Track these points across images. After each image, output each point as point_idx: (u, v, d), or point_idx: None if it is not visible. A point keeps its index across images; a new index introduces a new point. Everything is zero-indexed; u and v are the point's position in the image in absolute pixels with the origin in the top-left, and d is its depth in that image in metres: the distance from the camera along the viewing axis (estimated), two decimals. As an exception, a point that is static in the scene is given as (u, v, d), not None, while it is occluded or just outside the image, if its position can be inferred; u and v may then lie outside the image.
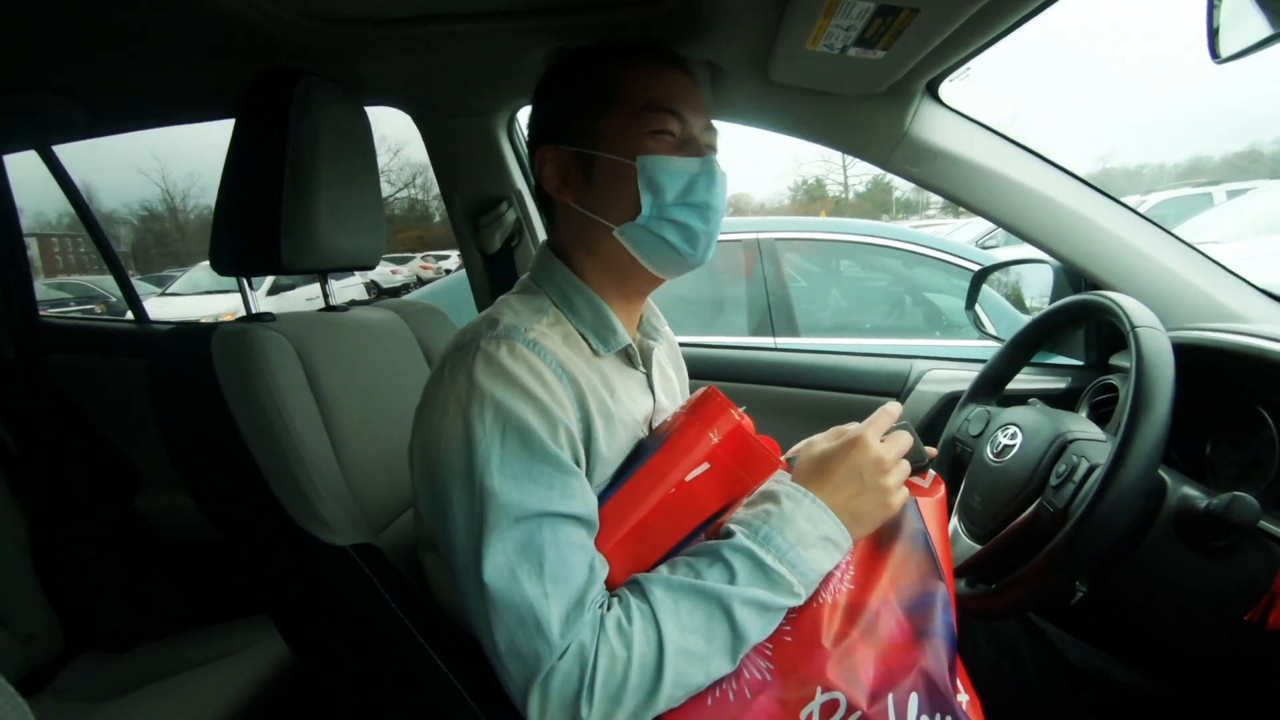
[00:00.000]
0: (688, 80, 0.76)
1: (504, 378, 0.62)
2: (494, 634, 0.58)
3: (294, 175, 0.84)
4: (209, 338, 0.76)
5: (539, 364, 0.64)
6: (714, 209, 0.72)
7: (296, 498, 0.74)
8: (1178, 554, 0.74)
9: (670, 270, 0.75)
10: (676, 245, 0.72)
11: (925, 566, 0.66)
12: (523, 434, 0.60)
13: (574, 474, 0.63)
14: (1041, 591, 0.74)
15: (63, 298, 11.26)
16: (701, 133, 0.74)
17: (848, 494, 0.66)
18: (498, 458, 0.60)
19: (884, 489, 0.66)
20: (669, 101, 0.72)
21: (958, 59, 0.97)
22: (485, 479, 0.59)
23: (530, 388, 0.62)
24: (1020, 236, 1.17)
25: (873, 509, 0.66)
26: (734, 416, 0.69)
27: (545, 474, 0.60)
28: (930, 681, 0.60)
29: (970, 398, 1.09)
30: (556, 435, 0.62)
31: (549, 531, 0.59)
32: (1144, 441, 0.68)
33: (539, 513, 0.59)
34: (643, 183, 0.70)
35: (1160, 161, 48.05)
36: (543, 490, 0.60)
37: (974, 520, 0.93)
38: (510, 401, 0.61)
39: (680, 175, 0.70)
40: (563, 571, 0.59)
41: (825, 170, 32.97)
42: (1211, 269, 1.11)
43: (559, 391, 0.64)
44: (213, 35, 1.00)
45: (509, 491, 0.59)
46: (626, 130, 0.71)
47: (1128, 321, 0.78)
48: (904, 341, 2.72)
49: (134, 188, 32.11)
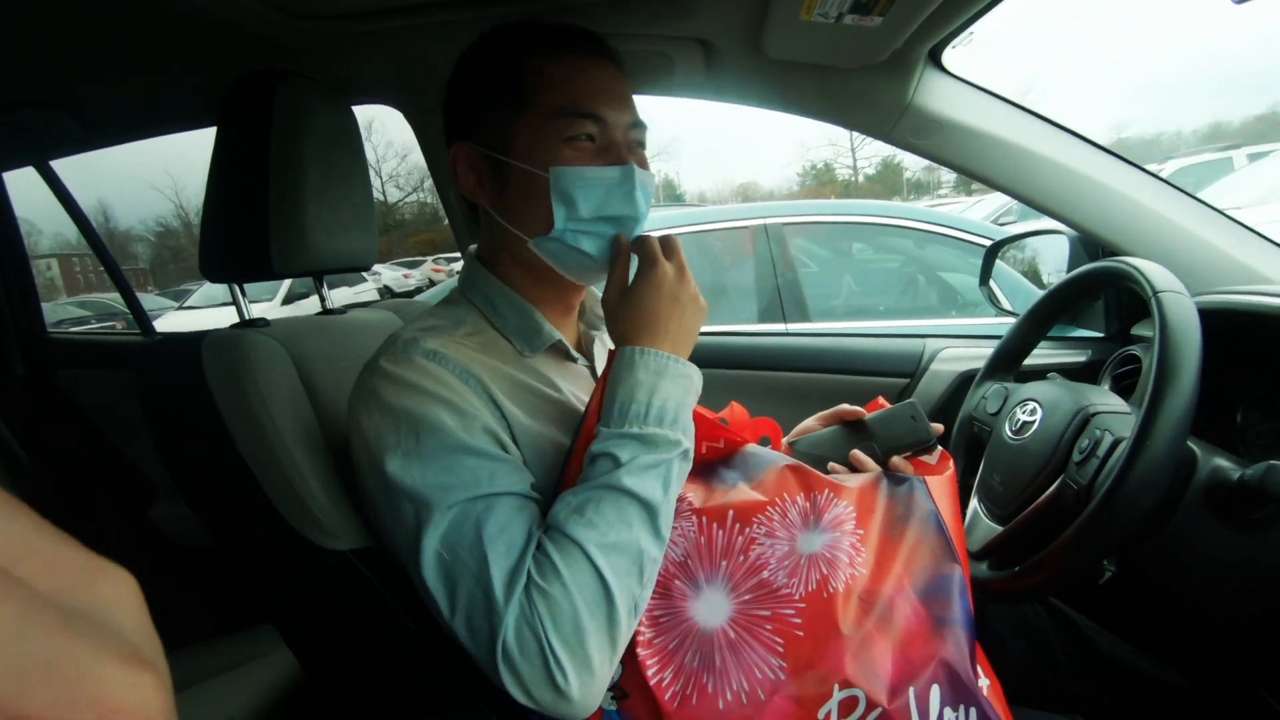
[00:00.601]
0: (611, 72, 0.71)
1: (405, 388, 0.62)
2: (453, 622, 0.58)
3: (279, 177, 0.83)
4: (199, 345, 0.75)
5: (438, 370, 0.63)
6: (634, 219, 0.69)
7: (294, 504, 0.72)
8: (1211, 528, 0.71)
9: (594, 279, 0.73)
10: (596, 256, 0.69)
11: (939, 549, 0.63)
12: (435, 431, 0.60)
13: (500, 459, 0.62)
14: (1068, 573, 0.71)
15: (84, 315, 11.46)
16: (625, 133, 0.70)
17: (675, 323, 0.66)
18: (418, 458, 0.59)
19: (695, 297, 0.67)
20: (587, 103, 0.67)
21: (959, 22, 0.93)
22: (407, 481, 0.59)
23: (433, 391, 0.62)
24: (1034, 206, 1.13)
25: (697, 319, 0.67)
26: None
27: (468, 464, 0.60)
28: (952, 672, 0.57)
29: (986, 375, 1.06)
30: (471, 428, 0.61)
31: (482, 508, 0.58)
32: (1171, 412, 0.65)
33: (468, 498, 0.59)
34: (556, 196, 0.67)
35: (1177, 128, 46.99)
36: (467, 477, 0.59)
37: (994, 501, 0.89)
38: (417, 407, 0.61)
39: (597, 187, 0.67)
40: (500, 539, 0.57)
41: (834, 154, 32.74)
42: (1235, 230, 1.06)
43: (464, 391, 0.63)
44: (198, 39, 0.99)
45: (433, 486, 0.59)
46: (539, 136, 0.67)
47: (1149, 287, 0.74)
48: (919, 322, 2.67)
49: (149, 205, 32.57)
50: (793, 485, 0.65)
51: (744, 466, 0.70)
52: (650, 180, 0.71)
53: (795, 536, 0.62)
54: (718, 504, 0.64)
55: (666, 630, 0.61)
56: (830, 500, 0.64)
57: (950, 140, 1.11)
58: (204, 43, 1.00)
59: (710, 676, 0.58)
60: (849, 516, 0.64)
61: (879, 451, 0.76)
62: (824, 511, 0.64)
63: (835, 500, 0.64)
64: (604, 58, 0.71)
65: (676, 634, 0.60)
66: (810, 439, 0.83)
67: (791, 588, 0.59)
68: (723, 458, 0.72)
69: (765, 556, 0.61)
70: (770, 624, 0.59)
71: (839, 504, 0.64)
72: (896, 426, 0.77)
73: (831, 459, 0.78)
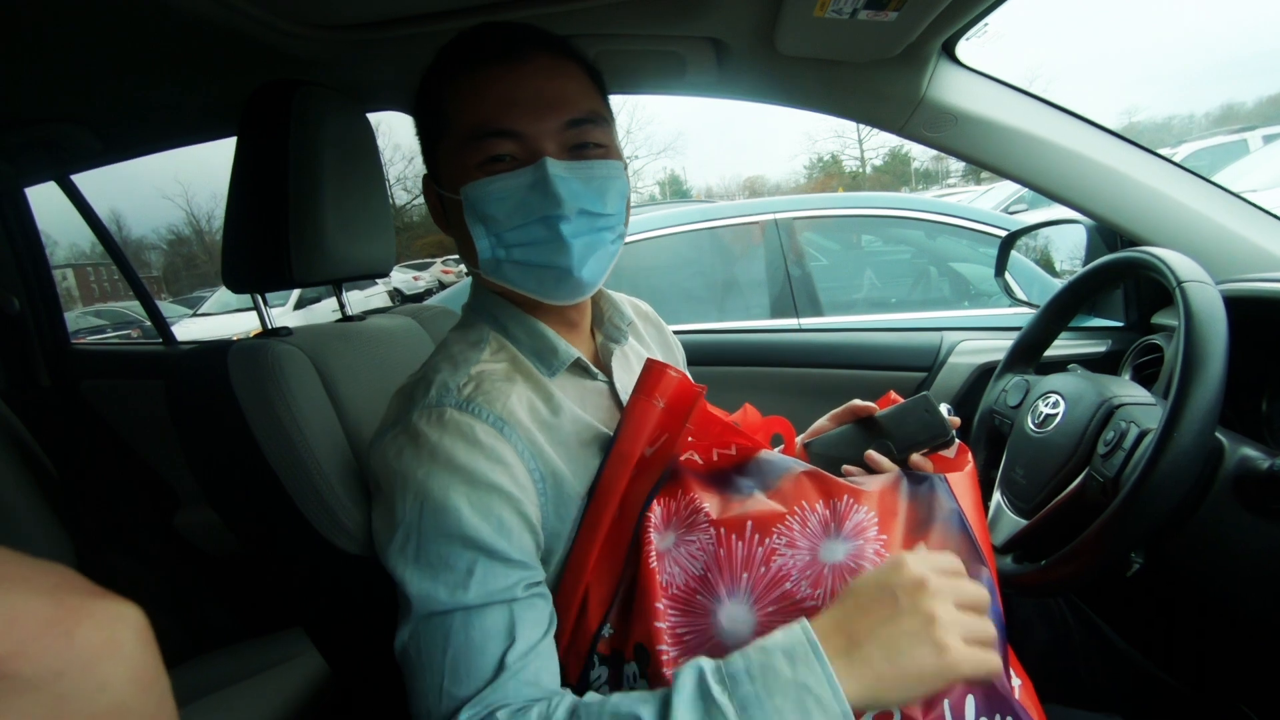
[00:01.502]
0: (535, 74, 0.62)
1: (428, 455, 0.58)
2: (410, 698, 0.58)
3: (298, 187, 0.83)
4: (225, 355, 0.76)
5: (473, 426, 0.60)
6: (560, 217, 0.61)
7: (320, 510, 0.73)
8: (1240, 519, 0.70)
9: (556, 293, 0.65)
10: (534, 264, 0.63)
11: (965, 550, 0.61)
12: (439, 515, 0.57)
13: (498, 557, 0.57)
14: (1095, 566, 0.71)
15: (100, 324, 11.60)
16: (560, 136, 0.62)
17: (876, 618, 0.50)
18: (414, 544, 0.57)
19: (928, 616, 0.49)
20: (498, 119, 0.61)
21: (974, 15, 0.92)
22: (399, 566, 0.58)
23: (455, 458, 0.58)
24: (1050, 196, 1.13)
25: (914, 642, 0.49)
26: (672, 376, 0.66)
27: (464, 558, 0.57)
28: (986, 681, 0.56)
29: (1007, 367, 1.05)
30: (488, 508, 0.58)
31: (458, 624, 0.56)
32: (1199, 402, 0.64)
33: (448, 608, 0.56)
34: (471, 217, 0.62)
35: (1189, 111, 46.32)
36: (457, 578, 0.56)
37: (1018, 494, 0.89)
38: (431, 481, 0.57)
39: (506, 196, 0.61)
40: (465, 668, 0.55)
41: (840, 146, 32.54)
42: (1256, 216, 1.05)
43: (499, 449, 0.60)
44: (214, 50, 1.00)
45: (419, 583, 0.57)
46: (455, 161, 0.63)
47: (1173, 277, 0.74)
48: (932, 314, 2.65)
49: (161, 213, 32.94)
50: (811, 493, 0.64)
51: (759, 474, 0.69)
52: (588, 170, 0.63)
53: (817, 546, 0.61)
54: (735, 515, 0.63)
55: (692, 648, 0.59)
56: (851, 506, 0.63)
57: (965, 132, 1.11)
58: (220, 55, 1.01)
59: None
60: (871, 523, 0.62)
61: (895, 449, 0.74)
62: (845, 519, 0.62)
63: (856, 506, 0.63)
64: (526, 60, 0.62)
65: (703, 651, 0.59)
66: (824, 439, 0.81)
67: (817, 599, 0.58)
68: (736, 465, 0.71)
69: (787, 567, 0.60)
70: None
71: (860, 510, 0.63)
72: (911, 422, 0.75)
73: (846, 458, 0.76)
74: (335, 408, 0.81)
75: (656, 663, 0.58)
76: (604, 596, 0.63)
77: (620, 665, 0.62)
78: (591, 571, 0.63)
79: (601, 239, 0.65)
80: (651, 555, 0.62)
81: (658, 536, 0.64)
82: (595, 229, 0.64)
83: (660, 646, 0.59)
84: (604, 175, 0.63)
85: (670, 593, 0.61)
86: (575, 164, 0.62)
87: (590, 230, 0.63)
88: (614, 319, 0.79)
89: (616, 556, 0.63)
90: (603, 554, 0.63)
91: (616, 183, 0.65)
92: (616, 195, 0.65)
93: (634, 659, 0.61)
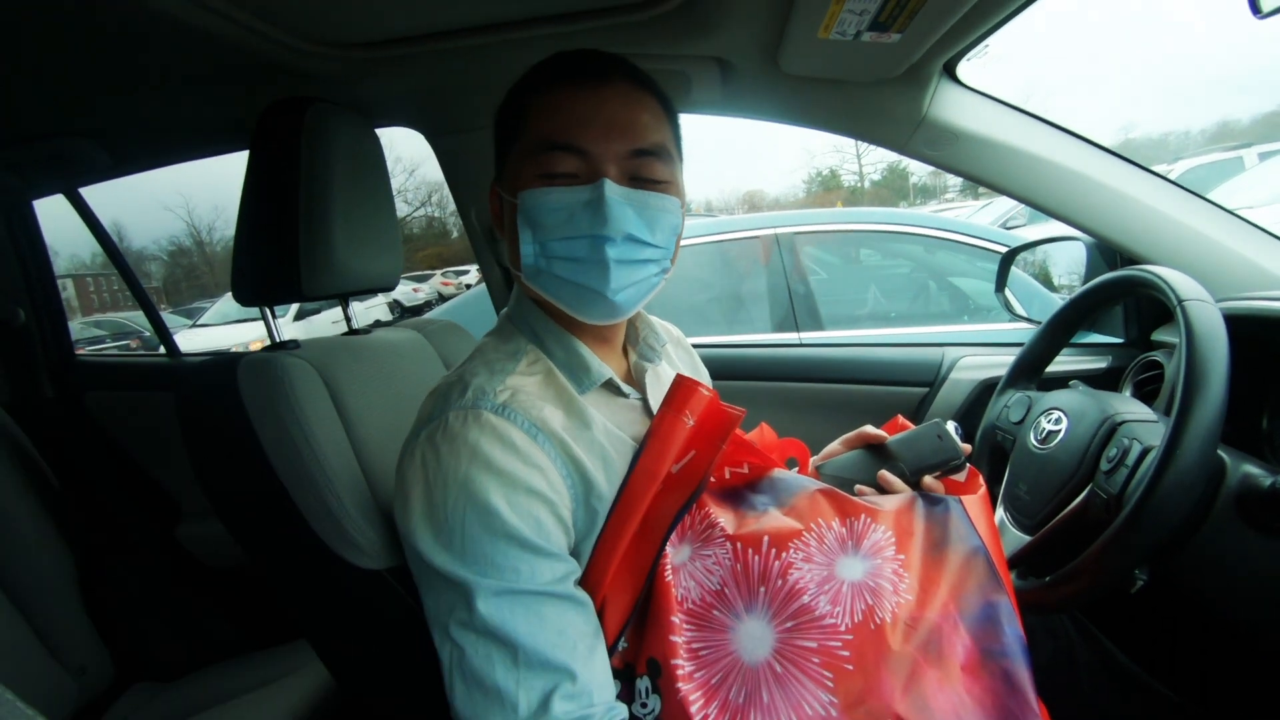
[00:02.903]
0: (611, 99, 0.64)
1: (467, 454, 0.59)
2: (454, 698, 0.58)
3: (309, 202, 0.84)
4: (235, 369, 0.77)
5: (509, 430, 0.60)
6: (606, 239, 0.62)
7: (329, 524, 0.73)
8: (1243, 536, 0.70)
9: (589, 311, 0.66)
10: (571, 281, 0.64)
11: (983, 573, 0.61)
12: (484, 515, 0.57)
13: (541, 553, 0.59)
14: (1099, 583, 0.71)
15: (99, 335, 11.59)
16: (622, 163, 0.63)
17: None
18: (459, 542, 0.58)
19: None
20: (565, 134, 0.62)
21: (975, 36, 0.94)
22: (445, 563, 0.58)
23: (494, 460, 0.59)
24: (1049, 214, 1.14)
25: None
26: (703, 394, 0.66)
27: (510, 556, 0.58)
28: (1008, 713, 0.56)
29: (1009, 383, 1.06)
30: (527, 509, 0.59)
31: (511, 608, 0.57)
32: (1201, 420, 0.65)
33: (502, 589, 0.57)
34: (522, 219, 0.64)
35: (1185, 128, 46.66)
36: (506, 573, 0.57)
37: (1021, 510, 0.89)
38: (472, 481, 0.58)
39: (560, 208, 0.62)
40: (535, 651, 0.57)
41: (839, 160, 32.71)
42: (1254, 234, 1.06)
43: (534, 454, 0.60)
44: (226, 68, 1.01)
45: (465, 574, 0.57)
46: (521, 169, 0.65)
47: (1174, 296, 0.75)
48: (931, 329, 2.66)
49: (162, 225, 33.05)
50: (827, 510, 0.65)
51: (774, 491, 0.69)
52: (646, 200, 0.64)
53: (834, 561, 0.61)
54: (751, 530, 0.64)
55: (709, 664, 0.59)
56: (868, 525, 0.63)
57: (965, 151, 1.12)
58: (230, 72, 1.02)
59: (758, 713, 0.56)
60: (889, 542, 0.63)
61: (907, 472, 0.75)
62: (862, 537, 0.63)
63: (873, 525, 0.63)
64: (606, 84, 0.64)
65: (720, 668, 0.59)
66: (836, 462, 0.82)
67: (836, 617, 0.58)
68: (749, 483, 0.71)
69: (804, 581, 0.60)
70: (818, 657, 0.57)
71: (877, 529, 0.63)
72: (923, 446, 0.76)
73: (859, 481, 0.77)
74: (343, 421, 0.81)
75: (670, 677, 0.58)
76: (622, 611, 0.63)
77: (633, 680, 0.62)
78: (609, 585, 0.63)
79: (644, 269, 0.66)
80: (667, 569, 0.63)
81: (673, 550, 0.64)
82: (639, 258, 0.64)
83: (675, 661, 0.59)
84: (658, 207, 0.64)
85: (686, 607, 0.62)
86: (633, 191, 0.63)
87: (633, 257, 0.64)
88: (649, 339, 0.79)
89: (637, 572, 0.63)
90: (622, 568, 0.63)
91: (670, 217, 0.66)
92: (668, 229, 0.66)
93: (647, 673, 0.61)
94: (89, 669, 1.27)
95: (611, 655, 0.62)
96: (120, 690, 1.31)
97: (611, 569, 0.63)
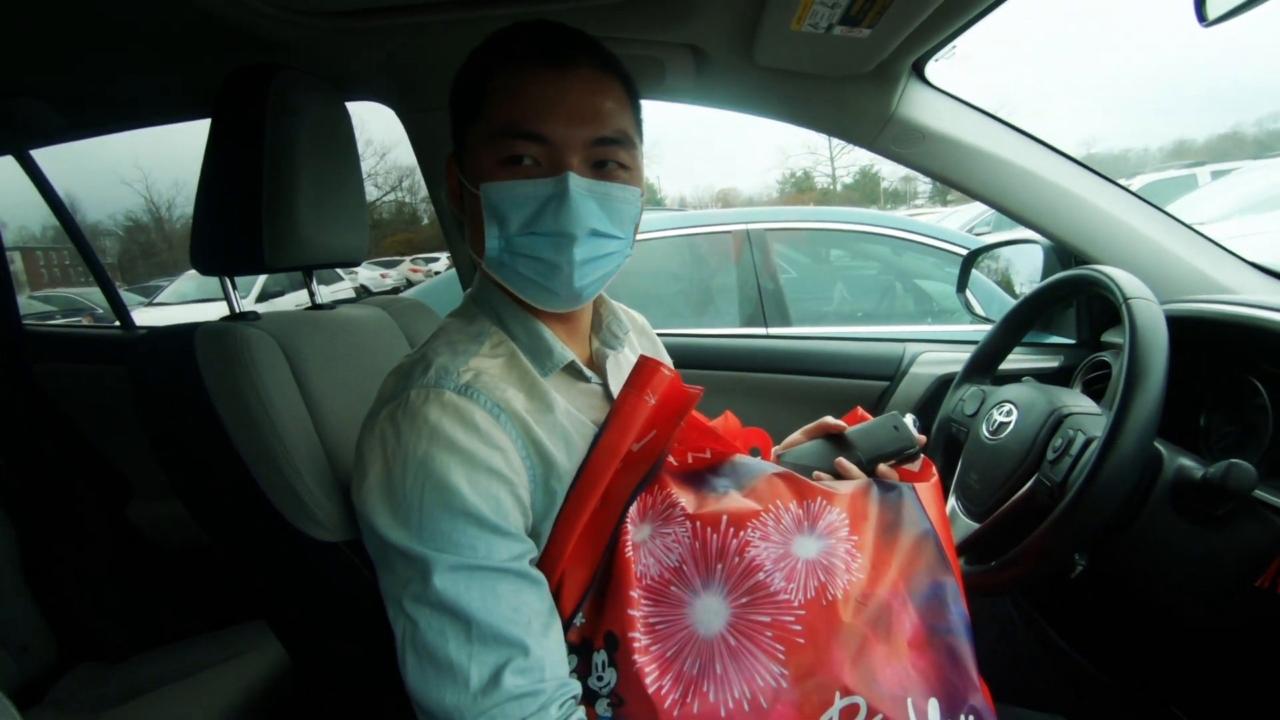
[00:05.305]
0: (578, 84, 0.63)
1: (428, 433, 0.59)
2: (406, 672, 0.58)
3: (273, 172, 0.83)
4: (192, 337, 0.75)
5: (471, 410, 0.60)
6: (568, 236, 0.62)
7: (287, 496, 0.72)
8: (1175, 524, 0.74)
9: (550, 303, 0.67)
10: (533, 278, 0.65)
11: (932, 555, 0.64)
12: (443, 494, 0.57)
13: (499, 532, 0.59)
14: (1042, 566, 0.74)
15: (49, 310, 11.15)
16: (585, 150, 0.63)
17: None
18: (416, 519, 0.57)
19: None
20: (528, 122, 0.61)
21: (943, 37, 0.96)
22: (402, 539, 0.58)
23: (455, 439, 0.59)
24: (1010, 215, 1.17)
25: None
26: (665, 374, 0.67)
27: (469, 534, 0.58)
28: (952, 686, 0.58)
29: (965, 378, 1.09)
30: (486, 489, 0.59)
31: (466, 585, 0.57)
32: (1140, 412, 0.68)
33: (457, 565, 0.57)
34: (487, 212, 0.63)
35: (1145, 145, 48.29)
36: (464, 550, 0.58)
37: (972, 498, 0.92)
38: (432, 460, 0.58)
39: (525, 202, 0.62)
40: (489, 626, 0.57)
41: (813, 162, 32.99)
42: (1201, 243, 1.11)
43: (495, 435, 0.61)
44: (190, 31, 0.98)
45: (422, 550, 0.57)
46: (482, 153, 0.63)
47: (1120, 293, 0.78)
48: (895, 328, 2.72)
49: (118, 199, 31.82)
50: (785, 492, 0.67)
51: (734, 474, 0.70)
52: (609, 192, 0.64)
53: (790, 541, 0.63)
54: (711, 510, 0.65)
55: (664, 637, 0.60)
56: (824, 507, 0.65)
57: (932, 150, 1.15)
58: (196, 36, 1.00)
59: (711, 684, 0.58)
60: (843, 523, 0.64)
61: (863, 460, 0.77)
62: (818, 518, 0.65)
63: (828, 507, 0.65)
64: (571, 69, 0.63)
65: (675, 641, 0.60)
66: (796, 451, 0.84)
67: (790, 594, 0.60)
68: (711, 466, 0.72)
69: (760, 558, 0.61)
70: (771, 630, 0.59)
71: (832, 511, 0.65)
72: (880, 436, 0.78)
73: (817, 468, 0.78)
74: (303, 394, 0.80)
75: (627, 650, 0.60)
76: (579, 586, 0.64)
77: (590, 653, 0.63)
78: (568, 560, 0.64)
79: (606, 261, 0.67)
80: (628, 545, 0.64)
81: (634, 528, 0.65)
82: (602, 252, 0.65)
83: (632, 634, 0.60)
84: (620, 199, 0.65)
85: (645, 583, 0.63)
86: (596, 183, 0.63)
87: (597, 252, 0.65)
88: (612, 326, 0.80)
89: (595, 547, 0.64)
90: (580, 543, 0.64)
91: (630, 209, 0.66)
92: (628, 220, 0.67)
93: (604, 647, 0.62)
94: (31, 648, 1.24)
95: (569, 629, 0.63)
96: (64, 669, 1.28)
97: (571, 544, 0.63)
